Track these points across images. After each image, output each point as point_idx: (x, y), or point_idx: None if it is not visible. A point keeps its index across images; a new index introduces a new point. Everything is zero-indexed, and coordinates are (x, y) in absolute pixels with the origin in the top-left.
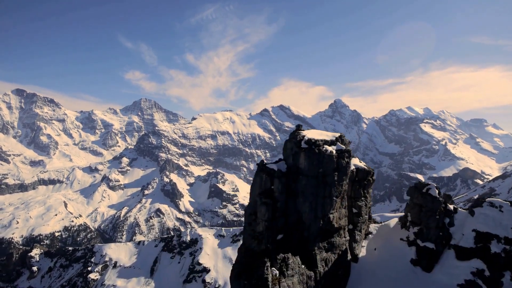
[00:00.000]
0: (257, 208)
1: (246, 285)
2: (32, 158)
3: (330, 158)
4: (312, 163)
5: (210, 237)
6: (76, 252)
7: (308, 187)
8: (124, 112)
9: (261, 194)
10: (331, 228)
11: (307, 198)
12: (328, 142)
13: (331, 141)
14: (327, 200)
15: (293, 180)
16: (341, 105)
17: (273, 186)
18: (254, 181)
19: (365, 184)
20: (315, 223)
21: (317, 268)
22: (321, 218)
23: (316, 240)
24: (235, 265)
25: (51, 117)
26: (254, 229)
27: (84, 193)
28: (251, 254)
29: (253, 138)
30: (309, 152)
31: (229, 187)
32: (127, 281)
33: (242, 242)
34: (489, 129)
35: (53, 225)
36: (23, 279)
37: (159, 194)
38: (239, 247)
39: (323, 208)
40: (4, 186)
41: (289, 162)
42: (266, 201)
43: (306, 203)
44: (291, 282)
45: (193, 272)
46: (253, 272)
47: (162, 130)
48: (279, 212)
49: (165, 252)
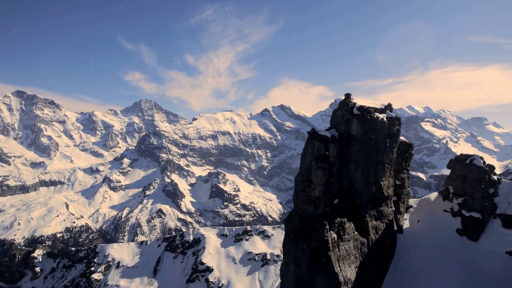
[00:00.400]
0: (311, 174)
1: (305, 248)
2: (33, 160)
3: (382, 124)
4: (364, 129)
5: (213, 237)
6: (79, 253)
7: (361, 153)
8: (124, 113)
9: (317, 159)
10: (380, 196)
11: (360, 165)
12: (378, 110)
13: (381, 109)
14: (379, 166)
15: (345, 147)
16: None
17: (327, 152)
18: (306, 148)
19: (406, 157)
20: (367, 190)
21: (369, 235)
22: (373, 184)
23: (368, 208)
24: (288, 232)
25: (52, 118)
26: (309, 194)
27: (85, 194)
28: (307, 219)
29: (253, 138)
30: (361, 119)
31: (230, 187)
32: (130, 281)
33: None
34: (490, 128)
35: (54, 226)
36: (26, 280)
37: (160, 194)
38: (289, 214)
39: (375, 174)
40: (6, 187)
41: (340, 129)
42: (323, 165)
43: (359, 170)
44: (348, 247)
45: (196, 272)
46: (312, 235)
47: (162, 130)
48: (334, 178)
49: (168, 252)
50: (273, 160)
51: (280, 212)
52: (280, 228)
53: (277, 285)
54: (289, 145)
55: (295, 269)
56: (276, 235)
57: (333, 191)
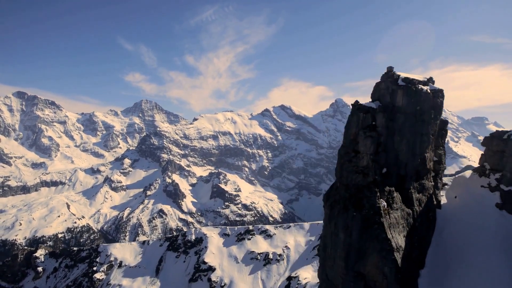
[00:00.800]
0: (357, 144)
1: (355, 216)
2: (34, 160)
3: (427, 95)
4: (410, 100)
5: (215, 236)
6: (81, 252)
7: (406, 124)
8: (125, 113)
9: (365, 128)
10: (423, 169)
11: (405, 136)
12: (421, 82)
13: (424, 82)
14: (424, 137)
15: (389, 118)
16: (342, 105)
17: (374, 122)
18: (350, 120)
19: (442, 133)
20: (412, 162)
21: (413, 206)
22: (418, 155)
23: (412, 179)
24: (333, 204)
25: (52, 119)
26: (356, 164)
27: (86, 195)
28: (355, 189)
29: (254, 138)
30: (407, 90)
31: (231, 187)
32: (133, 280)
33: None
34: (491, 127)
35: (56, 226)
36: (28, 280)
37: (161, 194)
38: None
39: (420, 145)
40: (7, 188)
41: (385, 101)
42: (371, 134)
43: (404, 141)
44: (397, 215)
45: (199, 271)
46: (362, 203)
47: (163, 131)
48: (381, 148)
49: (170, 252)
50: (274, 160)
51: (281, 212)
52: (282, 228)
53: (279, 284)
54: (289, 145)
55: (345, 238)
56: (278, 234)
57: (381, 160)
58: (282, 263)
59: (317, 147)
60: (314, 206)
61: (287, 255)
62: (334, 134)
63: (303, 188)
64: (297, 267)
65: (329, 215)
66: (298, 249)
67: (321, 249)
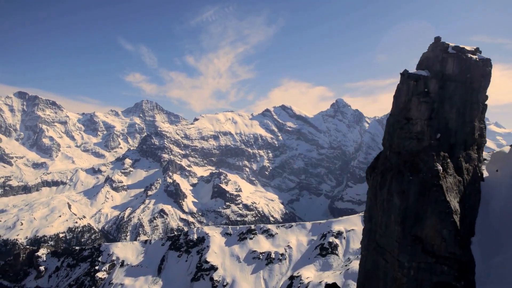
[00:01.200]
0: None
1: (412, 180)
2: (35, 160)
3: (476, 63)
4: (460, 68)
5: (217, 236)
6: (83, 252)
7: (456, 92)
8: (125, 114)
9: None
10: (470, 138)
11: (455, 104)
12: (470, 51)
13: (472, 51)
14: (474, 106)
15: (440, 86)
16: (342, 105)
17: (426, 89)
18: (400, 89)
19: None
20: (461, 130)
21: (463, 175)
22: (468, 123)
23: (461, 148)
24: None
25: (53, 119)
26: (409, 130)
27: (87, 195)
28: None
29: (255, 138)
30: (457, 57)
31: (232, 187)
32: (135, 279)
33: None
34: (492, 128)
35: (57, 226)
36: (30, 279)
37: (162, 194)
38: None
39: (470, 113)
40: (8, 188)
41: (434, 69)
42: (426, 100)
43: (453, 109)
44: (451, 181)
45: (201, 270)
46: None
47: (164, 131)
48: (434, 113)
49: (172, 251)
50: (275, 160)
51: (282, 212)
52: (284, 227)
53: (281, 283)
54: (290, 145)
55: (401, 202)
56: (280, 234)
57: (434, 126)
58: (284, 263)
59: (318, 147)
60: (314, 206)
61: (289, 255)
62: (334, 134)
63: (303, 188)
64: (299, 266)
65: (380, 182)
66: (300, 249)
67: (366, 221)
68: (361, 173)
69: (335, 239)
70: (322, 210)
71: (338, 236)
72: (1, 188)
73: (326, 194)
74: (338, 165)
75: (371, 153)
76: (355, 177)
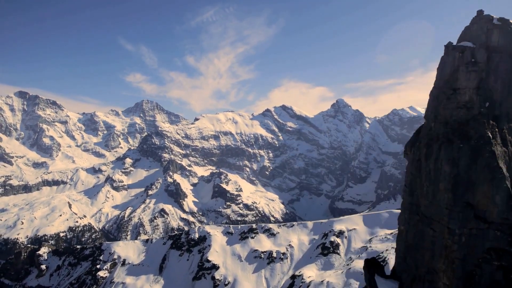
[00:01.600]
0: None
1: (462, 147)
2: (35, 160)
3: None
4: (506, 39)
5: (219, 235)
6: (84, 250)
7: (502, 63)
8: (126, 113)
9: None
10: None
11: (500, 75)
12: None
13: None
14: None
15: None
16: (343, 105)
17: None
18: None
19: None
20: (506, 101)
21: (508, 146)
22: None
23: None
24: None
25: (54, 119)
26: (457, 100)
27: (88, 194)
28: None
29: (255, 138)
30: (503, 29)
31: (233, 187)
32: (136, 278)
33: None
34: None
35: (57, 225)
36: (31, 278)
37: (162, 194)
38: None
39: None
40: (9, 187)
41: (479, 41)
42: (474, 69)
43: (499, 80)
44: (500, 150)
45: (202, 269)
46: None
47: (165, 130)
48: (482, 83)
49: (174, 250)
50: (275, 160)
51: (282, 212)
52: (286, 226)
53: (283, 282)
54: (291, 145)
55: (451, 170)
56: (282, 233)
57: (483, 95)
58: (285, 262)
59: (318, 147)
60: (315, 206)
61: (291, 254)
62: (335, 134)
63: (304, 188)
64: (301, 265)
65: (425, 154)
66: (302, 248)
67: (407, 195)
68: (361, 173)
69: (337, 238)
70: (323, 210)
71: (339, 235)
72: (2, 188)
73: (326, 194)
74: (339, 165)
75: (372, 153)
76: (355, 177)
